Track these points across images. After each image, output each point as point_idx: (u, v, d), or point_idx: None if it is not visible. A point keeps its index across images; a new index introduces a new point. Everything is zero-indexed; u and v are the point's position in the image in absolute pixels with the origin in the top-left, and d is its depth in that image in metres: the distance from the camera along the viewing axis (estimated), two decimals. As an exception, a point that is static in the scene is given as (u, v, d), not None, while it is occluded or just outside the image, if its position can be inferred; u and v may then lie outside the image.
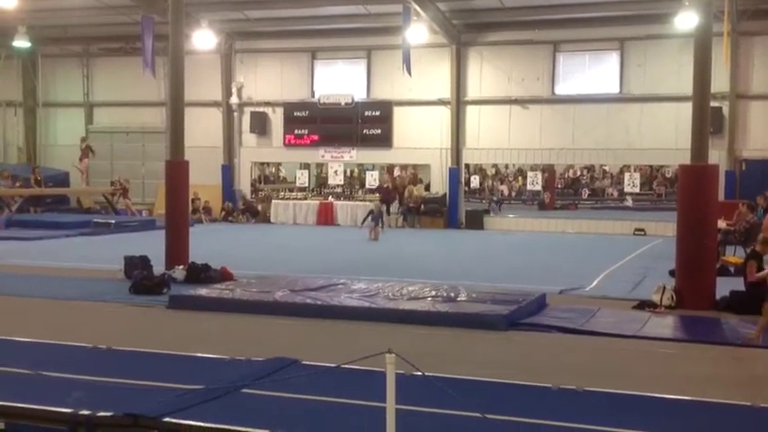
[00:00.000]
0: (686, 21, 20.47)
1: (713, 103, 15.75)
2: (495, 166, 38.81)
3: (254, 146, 29.34)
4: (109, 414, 6.02)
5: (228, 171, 29.36)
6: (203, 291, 12.25)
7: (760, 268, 11.55)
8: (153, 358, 8.26)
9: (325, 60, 28.72)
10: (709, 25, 12.47)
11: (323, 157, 28.68)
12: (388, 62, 26.61)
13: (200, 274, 13.85)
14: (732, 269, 14.66)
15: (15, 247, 19.29)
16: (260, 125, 28.83)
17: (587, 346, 9.49)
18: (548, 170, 33.15)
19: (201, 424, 5.90)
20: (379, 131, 27.58)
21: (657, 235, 24.00)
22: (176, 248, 14.68)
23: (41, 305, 11.80)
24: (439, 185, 27.48)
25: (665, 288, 11.82)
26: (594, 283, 14.10)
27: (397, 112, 27.38)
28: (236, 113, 29.21)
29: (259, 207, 29.12)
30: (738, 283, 11.96)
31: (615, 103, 25.33)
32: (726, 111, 24.10)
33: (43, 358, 7.91)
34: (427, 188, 28.59)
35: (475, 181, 36.37)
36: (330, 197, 29.26)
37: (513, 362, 8.70)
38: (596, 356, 9.08)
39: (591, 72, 25.98)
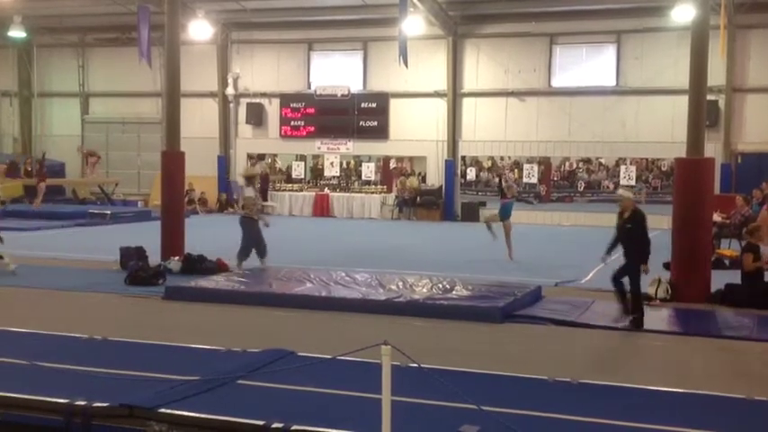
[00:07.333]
0: (683, 13, 20.41)
1: (709, 97, 15.75)
2: (491, 158, 38.79)
3: (249, 137, 29.29)
4: (105, 404, 6.02)
5: (224, 162, 29.32)
6: (199, 282, 12.24)
7: (757, 260, 11.57)
8: (149, 349, 8.26)
9: (322, 52, 28.65)
10: (706, 18, 12.47)
11: (319, 148, 28.63)
12: (384, 54, 26.54)
13: (195, 265, 13.86)
14: (727, 262, 14.70)
15: (11, 238, 19.19)
16: (256, 116, 28.77)
17: (582, 339, 9.52)
18: (544, 162, 33.15)
19: (197, 415, 5.90)
20: (375, 123, 27.54)
21: (653, 228, 23.98)
22: (172, 239, 14.68)
23: (37, 296, 11.79)
24: (435, 177, 27.47)
25: (660, 281, 11.85)
26: (590, 275, 14.10)
27: (394, 104, 27.34)
28: (232, 104, 29.14)
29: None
30: (733, 276, 11.99)
31: (612, 95, 25.31)
32: (722, 104, 24.10)
33: (39, 349, 7.90)
34: (423, 180, 28.59)
35: (471, 173, 36.34)
36: (326, 189, 29.24)
37: (509, 354, 8.73)
38: (591, 349, 9.12)
39: (588, 65, 25.95)
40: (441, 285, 11.80)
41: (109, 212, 24.58)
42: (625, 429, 5.87)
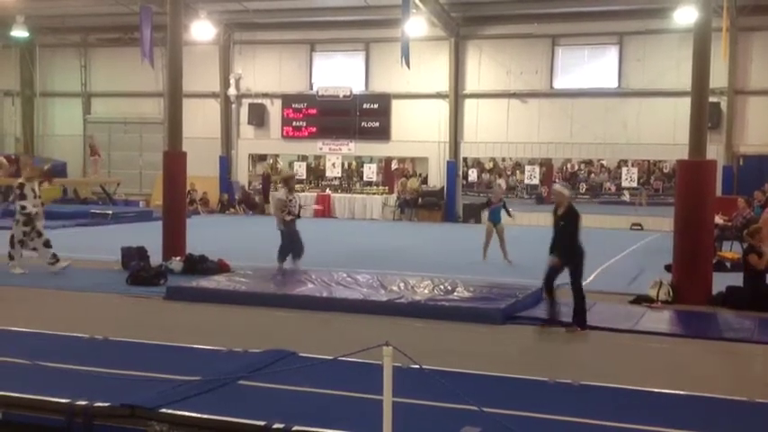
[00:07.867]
0: (685, 16, 20.46)
1: (711, 99, 15.75)
2: (492, 159, 38.80)
3: (251, 138, 29.32)
4: (106, 404, 6.02)
5: (226, 163, 29.34)
6: (200, 282, 12.24)
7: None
8: (150, 349, 8.26)
9: (324, 52, 28.68)
10: (708, 20, 12.46)
11: (321, 149, 28.66)
12: (386, 55, 26.55)
13: (197, 265, 13.85)
14: (729, 264, 14.69)
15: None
16: (258, 117, 28.80)
17: (583, 340, 9.52)
18: (546, 164, 33.15)
19: (198, 415, 5.89)
20: (377, 124, 27.56)
21: (654, 229, 24.01)
22: (174, 240, 14.67)
23: (39, 295, 11.79)
24: (436, 179, 27.48)
25: (661, 283, 11.84)
26: (591, 277, 14.06)
27: (396, 105, 27.36)
28: (234, 105, 29.18)
29: (257, 199, 29.10)
30: (735, 279, 11.97)
31: (614, 97, 25.33)
32: (724, 106, 24.13)
33: (40, 348, 7.90)
34: (425, 181, 28.61)
35: (473, 174, 36.37)
36: (327, 189, 29.24)
37: (510, 355, 8.73)
38: (592, 350, 9.11)
39: (590, 66, 25.98)
40: (442, 287, 11.79)
41: (110, 212, 24.59)
42: (626, 431, 5.87)
